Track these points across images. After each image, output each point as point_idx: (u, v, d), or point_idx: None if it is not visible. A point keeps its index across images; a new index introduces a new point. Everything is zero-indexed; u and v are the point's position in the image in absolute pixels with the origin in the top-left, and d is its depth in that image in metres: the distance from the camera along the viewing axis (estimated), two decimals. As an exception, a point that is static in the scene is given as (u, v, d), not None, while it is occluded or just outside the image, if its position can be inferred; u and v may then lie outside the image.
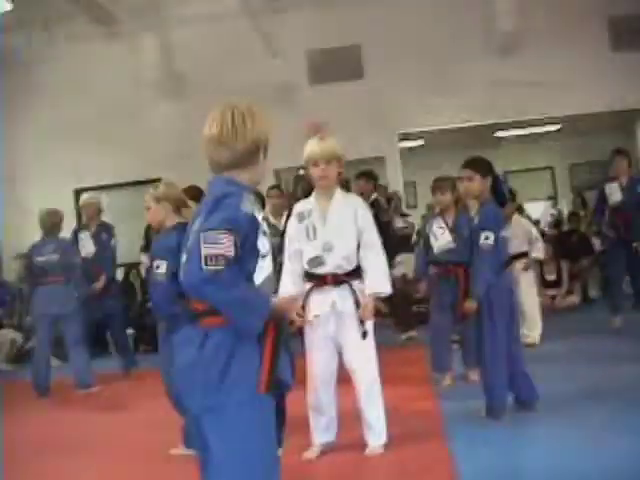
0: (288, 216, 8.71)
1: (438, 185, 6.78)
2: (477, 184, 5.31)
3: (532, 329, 8.00)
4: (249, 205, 2.71)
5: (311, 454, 4.64)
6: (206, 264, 2.55)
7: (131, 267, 11.69)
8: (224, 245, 2.56)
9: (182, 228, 4.88)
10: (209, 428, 2.67)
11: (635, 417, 4.79)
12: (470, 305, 5.25)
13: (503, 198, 5.39)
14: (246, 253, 2.64)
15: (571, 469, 3.99)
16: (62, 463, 5.13)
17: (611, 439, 4.41)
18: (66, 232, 8.94)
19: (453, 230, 6.66)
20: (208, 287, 2.57)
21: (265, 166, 2.99)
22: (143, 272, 11.44)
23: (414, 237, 11.79)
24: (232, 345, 2.65)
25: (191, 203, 6.05)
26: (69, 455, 5.32)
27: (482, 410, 5.19)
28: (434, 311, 6.84)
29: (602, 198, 8.95)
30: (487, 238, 5.11)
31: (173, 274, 4.74)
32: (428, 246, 6.86)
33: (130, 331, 10.01)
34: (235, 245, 2.58)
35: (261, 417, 2.71)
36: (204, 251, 2.56)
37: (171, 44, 12.60)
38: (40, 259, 8.00)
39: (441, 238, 6.66)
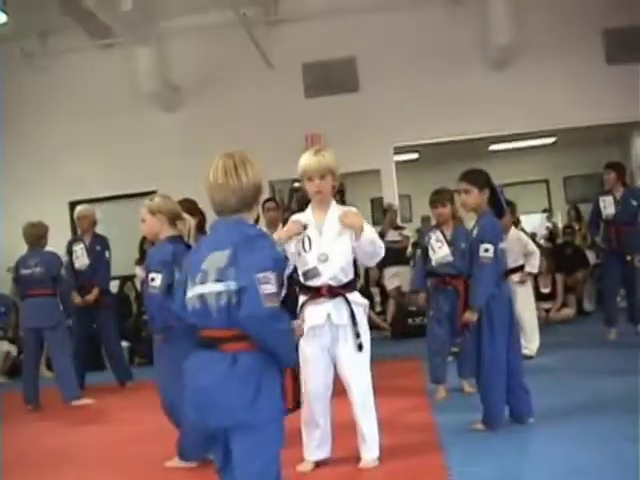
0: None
1: (438, 198, 6.79)
2: (474, 197, 5.31)
3: (530, 341, 7.99)
4: (279, 246, 3.21)
5: (305, 467, 4.62)
6: (266, 303, 2.89)
7: (126, 279, 11.67)
8: (274, 284, 2.93)
9: (177, 240, 4.92)
10: (239, 442, 2.94)
11: (631, 428, 4.78)
12: (470, 316, 5.23)
13: (501, 210, 5.40)
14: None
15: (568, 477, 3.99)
16: (57, 476, 5.10)
17: (607, 450, 4.39)
18: (61, 244, 8.94)
19: (451, 243, 6.68)
20: (271, 322, 2.93)
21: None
22: (138, 285, 11.43)
23: (409, 250, 11.82)
24: (261, 367, 2.95)
25: (186, 216, 6.06)
26: (63, 467, 5.29)
27: (478, 422, 5.19)
28: (432, 323, 6.84)
29: (596, 211, 8.98)
30: (487, 250, 5.12)
31: (168, 286, 4.76)
32: (426, 259, 6.86)
33: (125, 343, 9.97)
34: (279, 284, 2.99)
35: (282, 434, 3.02)
36: (262, 291, 2.89)
37: (167, 56, 12.61)
38: (25, 272, 7.99)
39: (439, 251, 6.67)
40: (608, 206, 8.79)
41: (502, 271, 5.26)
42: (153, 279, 4.87)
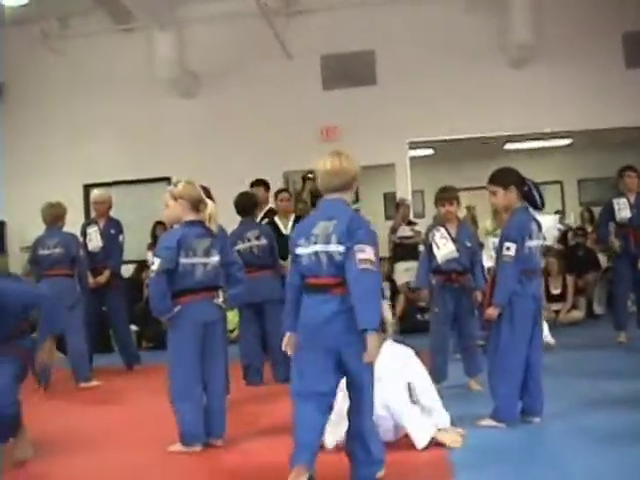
0: (295, 219, 8.82)
1: (444, 196, 6.80)
2: (500, 197, 5.36)
3: None
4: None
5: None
6: (364, 265, 3.81)
7: (143, 264, 11.66)
8: (371, 253, 3.86)
9: (194, 225, 4.98)
10: (352, 356, 3.91)
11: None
12: (492, 312, 5.26)
13: (535, 204, 5.39)
14: None
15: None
16: (63, 456, 5.12)
17: (615, 451, 4.42)
18: (75, 226, 8.97)
19: (456, 240, 6.69)
20: (363, 275, 3.81)
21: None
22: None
23: (420, 246, 11.82)
24: None
25: (208, 201, 6.12)
26: (69, 448, 5.31)
27: (484, 418, 5.21)
28: (435, 321, 6.86)
29: (608, 213, 8.93)
30: (508, 249, 5.17)
31: (168, 271, 4.88)
32: (430, 256, 6.86)
33: (133, 327, 10.02)
34: (376, 253, 3.91)
35: None
36: (362, 255, 3.83)
37: (186, 43, 12.63)
38: (43, 252, 8.03)
39: (444, 248, 6.67)
40: (623, 210, 8.74)
41: (531, 268, 5.25)
42: (153, 263, 4.98)
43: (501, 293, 5.22)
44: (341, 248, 3.89)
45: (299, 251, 4.08)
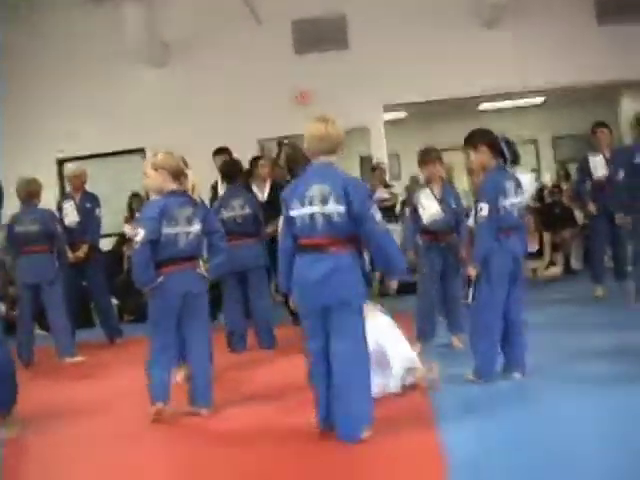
0: (272, 186, 8.82)
1: (429, 157, 6.82)
2: (473, 157, 5.42)
3: None
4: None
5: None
6: (378, 219, 4.26)
7: (124, 237, 11.60)
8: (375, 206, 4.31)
9: (175, 195, 4.99)
10: (344, 315, 4.23)
11: (619, 377, 4.89)
12: (470, 271, 5.36)
13: (506, 159, 5.40)
14: None
15: (562, 430, 4.05)
16: (51, 431, 5.15)
17: (597, 400, 4.50)
18: (50, 201, 8.92)
19: (441, 200, 6.71)
20: (384, 232, 4.30)
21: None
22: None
23: (398, 208, 11.85)
24: (354, 264, 4.30)
25: (188, 171, 6.12)
26: (54, 423, 5.33)
27: (469, 374, 5.27)
28: (424, 280, 6.88)
29: (584, 170, 8.97)
30: (481, 209, 5.22)
31: (151, 242, 4.91)
32: (415, 217, 6.89)
33: (114, 300, 10.00)
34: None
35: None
36: (373, 212, 4.24)
37: (155, 12, 12.47)
38: (20, 229, 7.97)
39: (429, 208, 6.70)
40: (598, 167, 8.76)
41: (508, 226, 5.26)
42: (137, 234, 4.99)
43: (476, 252, 5.31)
44: (341, 208, 4.19)
45: (293, 213, 4.32)
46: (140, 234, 4.93)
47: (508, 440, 4.00)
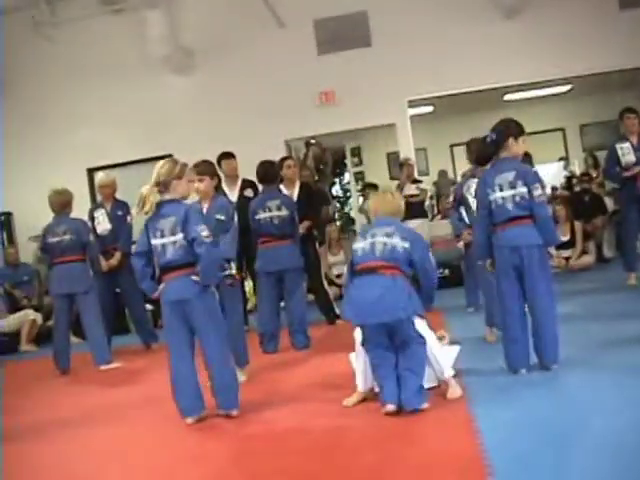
0: (300, 187, 8.86)
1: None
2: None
3: None
4: None
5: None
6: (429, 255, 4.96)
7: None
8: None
9: (160, 207, 5.00)
10: (405, 328, 4.68)
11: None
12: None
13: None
14: None
15: (593, 420, 4.04)
16: (90, 436, 5.21)
17: (632, 391, 4.44)
18: (81, 211, 9.01)
19: None
20: (431, 267, 4.98)
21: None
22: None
23: (427, 203, 11.86)
24: (408, 284, 4.77)
25: (205, 178, 6.17)
26: (97, 428, 5.39)
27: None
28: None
29: (613, 158, 8.89)
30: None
31: (140, 253, 5.13)
32: (467, 208, 6.93)
33: (148, 306, 10.08)
34: None
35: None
36: (425, 248, 4.99)
37: (177, 19, 12.55)
38: (53, 240, 8.04)
39: None
40: (626, 154, 8.70)
41: (502, 220, 5.25)
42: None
43: (475, 247, 5.60)
44: (407, 244, 4.81)
45: (355, 246, 4.97)
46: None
47: (537, 427, 3.99)
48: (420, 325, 4.83)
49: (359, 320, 4.76)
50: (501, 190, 5.24)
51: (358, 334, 4.92)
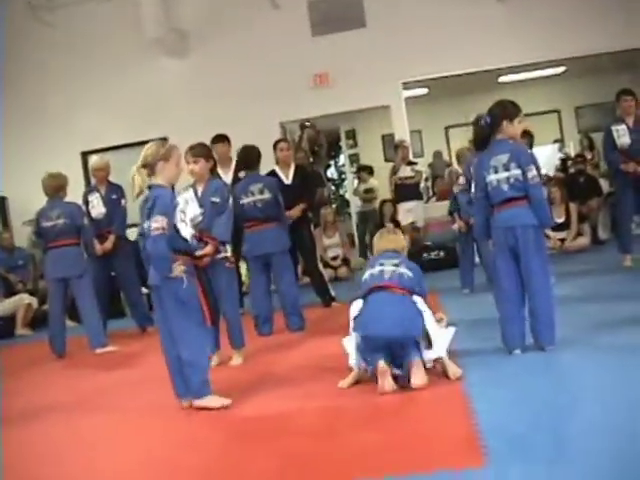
0: (296, 170, 8.85)
1: None
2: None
3: None
4: None
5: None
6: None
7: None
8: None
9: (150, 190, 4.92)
10: (410, 345, 4.73)
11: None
12: (490, 245, 5.53)
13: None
14: None
15: (588, 400, 4.06)
16: (88, 419, 5.21)
17: (627, 371, 4.44)
18: (76, 194, 8.98)
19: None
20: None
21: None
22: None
23: (422, 185, 11.85)
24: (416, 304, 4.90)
25: (200, 160, 6.15)
26: (94, 412, 5.39)
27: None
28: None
29: (609, 140, 8.84)
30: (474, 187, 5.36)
31: (142, 234, 5.00)
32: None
33: (144, 290, 10.07)
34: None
35: None
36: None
37: (169, 1, 12.49)
38: (47, 224, 8.00)
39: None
40: (622, 136, 8.65)
41: (498, 201, 5.25)
42: None
43: (475, 227, 5.60)
44: (412, 274, 5.06)
45: (364, 276, 5.20)
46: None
47: (533, 407, 4.00)
48: (420, 302, 4.91)
49: (371, 331, 4.78)
50: (496, 172, 5.23)
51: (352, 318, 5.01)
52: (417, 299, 4.93)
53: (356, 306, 5.04)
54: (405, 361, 4.70)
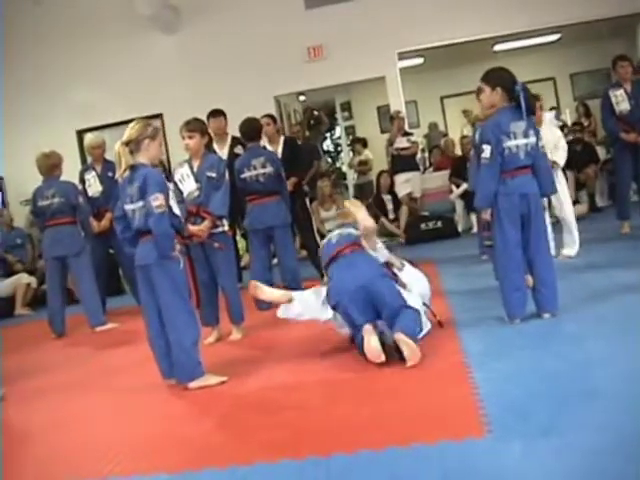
0: (285, 142, 8.83)
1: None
2: (486, 95, 5.29)
3: (574, 241, 7.88)
4: None
5: None
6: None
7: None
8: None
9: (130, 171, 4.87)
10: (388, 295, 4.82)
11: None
12: (483, 215, 5.36)
13: (522, 108, 5.25)
14: None
15: (588, 369, 4.06)
16: (77, 398, 5.22)
17: (627, 340, 4.45)
18: (72, 173, 8.95)
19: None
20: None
21: None
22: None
23: (418, 155, 11.81)
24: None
25: (195, 135, 6.12)
26: (85, 389, 5.42)
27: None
28: None
29: (607, 106, 8.79)
30: (483, 151, 5.15)
31: (120, 217, 5.03)
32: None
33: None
34: None
35: None
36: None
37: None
38: (43, 203, 7.99)
39: None
40: (621, 102, 8.61)
41: (514, 167, 5.19)
42: None
43: (479, 195, 5.28)
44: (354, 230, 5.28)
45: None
46: None
47: (533, 377, 4.01)
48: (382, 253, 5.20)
49: (339, 297, 4.91)
50: (515, 138, 5.18)
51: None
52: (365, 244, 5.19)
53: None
54: (393, 325, 4.69)
